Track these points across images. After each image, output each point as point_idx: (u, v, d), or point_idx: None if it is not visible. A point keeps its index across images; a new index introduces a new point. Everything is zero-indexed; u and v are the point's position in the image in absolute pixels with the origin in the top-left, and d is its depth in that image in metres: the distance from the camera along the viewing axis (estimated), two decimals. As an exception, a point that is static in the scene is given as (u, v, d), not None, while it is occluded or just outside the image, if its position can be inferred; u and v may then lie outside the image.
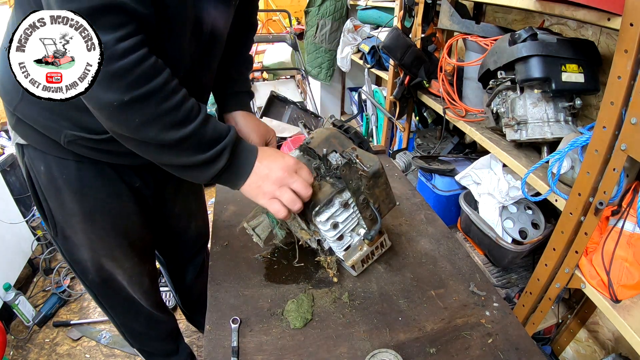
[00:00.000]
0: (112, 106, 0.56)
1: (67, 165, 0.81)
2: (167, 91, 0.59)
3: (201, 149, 0.65)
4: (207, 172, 0.67)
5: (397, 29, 1.63)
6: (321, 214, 0.77)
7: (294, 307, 0.81)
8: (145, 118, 0.58)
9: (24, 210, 1.94)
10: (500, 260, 1.41)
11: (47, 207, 0.87)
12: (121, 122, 0.59)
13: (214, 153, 0.65)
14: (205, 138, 0.65)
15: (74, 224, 0.89)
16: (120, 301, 1.10)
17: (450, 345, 0.75)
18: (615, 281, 0.90)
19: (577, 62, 1.06)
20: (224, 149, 0.66)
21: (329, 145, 0.81)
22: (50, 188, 0.84)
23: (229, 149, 0.67)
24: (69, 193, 0.84)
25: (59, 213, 0.88)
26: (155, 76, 0.58)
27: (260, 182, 0.70)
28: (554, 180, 1.01)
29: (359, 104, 2.66)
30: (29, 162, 0.83)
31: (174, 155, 0.65)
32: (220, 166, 0.67)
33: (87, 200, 0.86)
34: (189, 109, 0.62)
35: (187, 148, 0.64)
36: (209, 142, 0.65)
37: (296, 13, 4.37)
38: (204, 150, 0.65)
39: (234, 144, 0.68)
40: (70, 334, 1.73)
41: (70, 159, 0.81)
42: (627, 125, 0.79)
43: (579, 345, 1.40)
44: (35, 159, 0.82)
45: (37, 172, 0.83)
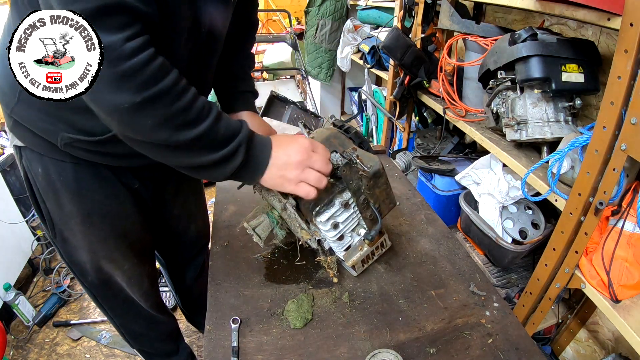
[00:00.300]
0: (123, 109, 0.55)
1: (65, 167, 0.81)
2: (178, 91, 0.59)
3: (216, 148, 0.64)
4: (225, 169, 0.66)
5: (397, 29, 1.63)
6: (321, 214, 0.77)
7: (294, 307, 0.81)
8: (157, 119, 0.57)
9: (24, 210, 1.94)
10: (500, 260, 1.41)
11: (45, 209, 0.87)
12: (133, 125, 0.58)
13: (230, 150, 0.64)
14: (219, 136, 0.63)
15: (72, 225, 0.89)
16: (119, 302, 1.09)
17: (450, 345, 0.75)
18: (615, 281, 0.90)
19: (577, 62, 1.06)
20: (239, 145, 0.65)
21: (329, 145, 0.81)
22: (48, 190, 0.84)
23: (245, 145, 0.66)
24: (67, 195, 0.84)
25: (57, 215, 0.87)
26: (164, 76, 0.57)
27: (282, 171, 0.69)
28: (554, 180, 1.01)
29: (359, 104, 2.66)
30: (27, 164, 0.83)
31: (189, 156, 0.64)
32: (237, 162, 0.66)
33: (84, 202, 0.86)
34: (201, 107, 0.61)
35: (201, 147, 0.63)
36: (223, 140, 0.64)
37: (296, 13, 4.37)
38: (219, 148, 0.64)
39: (248, 139, 0.67)
40: (70, 334, 1.73)
41: (68, 161, 0.81)
42: (627, 125, 0.79)
43: (579, 345, 1.40)
44: (32, 161, 0.82)
45: (34, 174, 0.83)
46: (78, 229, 0.89)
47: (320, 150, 0.72)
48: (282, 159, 0.69)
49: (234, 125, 0.66)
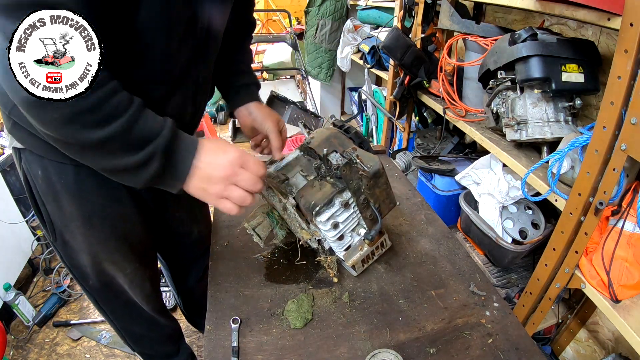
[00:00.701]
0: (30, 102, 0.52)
1: (65, 169, 0.80)
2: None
3: (130, 151, 0.59)
4: (142, 175, 0.61)
5: (397, 29, 1.63)
6: (321, 214, 0.77)
7: (294, 307, 0.81)
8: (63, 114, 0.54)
9: (24, 210, 1.94)
10: (500, 260, 1.41)
11: (45, 211, 0.86)
12: (42, 119, 0.55)
13: (145, 155, 0.59)
14: (133, 139, 0.58)
15: (72, 228, 0.88)
16: (121, 305, 1.09)
17: (450, 345, 0.75)
18: (615, 281, 0.90)
19: (577, 62, 1.06)
20: (154, 152, 0.60)
21: (329, 145, 0.81)
22: (48, 192, 0.83)
23: (161, 151, 0.60)
24: (68, 197, 0.83)
25: (57, 217, 0.87)
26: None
27: (204, 183, 0.65)
28: (554, 180, 1.01)
29: (359, 104, 2.66)
30: (26, 167, 0.82)
31: (101, 158, 0.60)
32: (153, 169, 0.61)
33: (85, 204, 0.85)
34: (114, 106, 0.56)
35: (114, 149, 0.59)
36: (138, 144, 0.59)
37: (296, 13, 4.37)
38: (133, 152, 0.59)
39: (166, 144, 0.61)
40: (70, 334, 1.73)
41: (68, 162, 0.79)
42: (627, 125, 0.79)
43: (579, 345, 1.40)
44: (32, 163, 0.81)
45: (34, 176, 0.82)
46: (78, 232, 0.89)
47: (251, 166, 0.67)
48: (205, 171, 0.64)
49: (153, 129, 0.60)
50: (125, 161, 0.59)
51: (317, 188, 0.78)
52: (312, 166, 0.80)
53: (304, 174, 0.83)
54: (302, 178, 0.82)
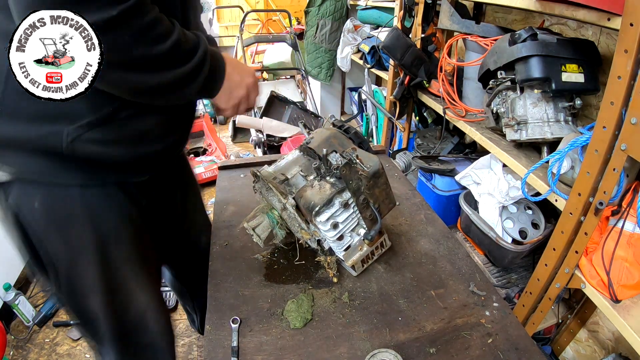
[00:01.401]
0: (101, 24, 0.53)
1: (71, 193, 0.73)
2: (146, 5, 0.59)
3: (188, 57, 0.66)
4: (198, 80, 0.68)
5: (397, 29, 1.63)
6: (321, 214, 0.77)
7: (294, 307, 0.81)
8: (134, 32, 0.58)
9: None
10: (500, 260, 1.41)
11: (44, 253, 0.77)
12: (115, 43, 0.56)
13: (199, 58, 0.67)
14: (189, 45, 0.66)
15: (82, 263, 0.79)
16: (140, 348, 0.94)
17: (450, 345, 0.75)
18: (615, 281, 0.90)
19: (577, 62, 1.07)
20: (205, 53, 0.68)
21: (329, 146, 0.81)
22: (50, 225, 0.74)
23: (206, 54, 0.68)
24: (78, 223, 0.76)
25: (62, 255, 0.77)
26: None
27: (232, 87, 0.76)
28: (554, 180, 1.01)
29: (359, 104, 2.66)
30: (16, 202, 0.72)
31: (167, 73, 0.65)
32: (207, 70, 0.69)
33: (98, 228, 0.78)
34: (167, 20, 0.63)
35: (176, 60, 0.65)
36: (192, 49, 0.67)
37: (296, 13, 4.37)
38: (190, 57, 0.66)
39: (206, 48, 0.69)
40: (70, 334, 1.73)
41: (73, 184, 0.73)
42: (627, 125, 0.79)
43: (579, 345, 1.40)
44: (24, 196, 0.71)
45: (27, 212, 0.72)
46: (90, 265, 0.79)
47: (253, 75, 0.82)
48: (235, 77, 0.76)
49: (193, 39, 0.68)
50: (186, 68, 0.66)
51: (317, 188, 0.78)
52: (312, 166, 0.80)
53: (303, 174, 0.83)
54: (302, 178, 0.82)
